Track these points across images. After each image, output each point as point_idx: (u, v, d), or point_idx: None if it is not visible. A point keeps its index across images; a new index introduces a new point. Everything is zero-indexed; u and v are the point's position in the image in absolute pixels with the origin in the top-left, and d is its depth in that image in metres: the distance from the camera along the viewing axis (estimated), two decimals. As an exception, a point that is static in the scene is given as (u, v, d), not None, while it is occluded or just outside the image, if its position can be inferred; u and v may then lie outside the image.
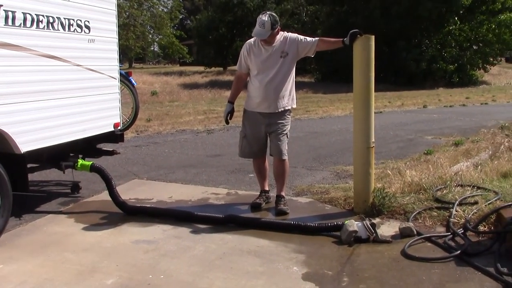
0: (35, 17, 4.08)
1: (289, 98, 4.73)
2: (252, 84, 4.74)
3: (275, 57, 4.62)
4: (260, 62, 4.65)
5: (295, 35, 4.73)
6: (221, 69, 43.32)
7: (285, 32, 4.77)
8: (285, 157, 4.73)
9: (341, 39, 4.60)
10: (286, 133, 4.74)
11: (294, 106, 4.83)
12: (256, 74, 4.68)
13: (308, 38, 4.73)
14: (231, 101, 4.91)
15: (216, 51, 44.62)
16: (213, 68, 43.03)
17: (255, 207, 4.81)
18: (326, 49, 4.97)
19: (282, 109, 4.68)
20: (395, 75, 29.96)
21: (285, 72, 4.65)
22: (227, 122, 4.97)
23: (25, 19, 3.99)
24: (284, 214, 4.60)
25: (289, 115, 4.80)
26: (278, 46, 4.63)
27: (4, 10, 3.77)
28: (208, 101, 19.92)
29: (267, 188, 5.04)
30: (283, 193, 4.84)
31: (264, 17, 4.50)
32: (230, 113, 4.87)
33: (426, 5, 28.34)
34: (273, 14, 4.60)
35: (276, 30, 4.57)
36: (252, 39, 4.74)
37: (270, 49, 4.63)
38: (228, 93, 5.05)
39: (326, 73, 34.73)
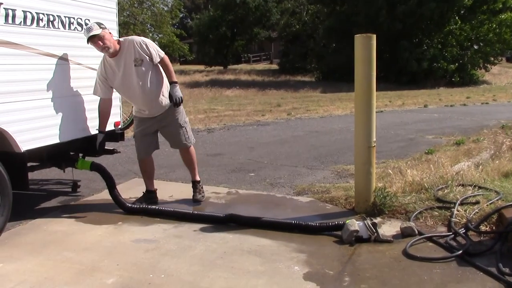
0: (35, 15, 4.07)
1: (165, 97, 4.69)
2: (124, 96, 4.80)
3: (129, 67, 4.50)
4: (118, 79, 4.56)
5: (139, 41, 4.52)
6: (222, 68, 43.31)
7: (129, 37, 4.62)
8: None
9: (174, 81, 4.59)
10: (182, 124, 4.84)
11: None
12: (120, 91, 4.71)
13: (154, 51, 4.54)
14: (102, 131, 4.80)
15: (217, 50, 44.66)
16: (213, 67, 43.03)
17: None
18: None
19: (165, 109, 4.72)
20: (396, 74, 29.97)
21: (147, 79, 4.56)
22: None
23: (25, 17, 3.97)
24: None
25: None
26: (126, 55, 4.50)
27: (4, 8, 3.76)
28: (208, 100, 19.93)
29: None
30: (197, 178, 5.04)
31: (88, 27, 4.39)
32: (100, 144, 4.80)
33: (430, 5, 28.33)
34: (97, 21, 4.48)
35: (108, 33, 4.45)
36: (100, 63, 4.62)
37: (120, 60, 4.51)
38: (229, 92, 5.01)
39: (327, 72, 34.77)
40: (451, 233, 3.90)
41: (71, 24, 4.52)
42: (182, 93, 4.72)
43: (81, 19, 4.63)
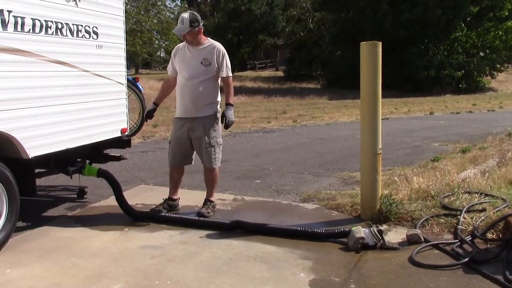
0: (44, 23, 4.11)
1: (207, 106, 4.75)
2: (177, 86, 4.89)
3: (196, 62, 4.67)
4: (183, 63, 4.76)
5: (222, 50, 4.72)
6: (228, 75, 43.34)
7: (217, 43, 4.78)
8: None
9: (230, 103, 4.72)
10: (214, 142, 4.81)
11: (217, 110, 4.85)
12: (178, 75, 4.83)
13: (225, 66, 4.71)
14: (156, 103, 5.05)
15: (223, 57, 44.72)
16: (219, 74, 43.07)
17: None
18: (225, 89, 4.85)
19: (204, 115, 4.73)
20: (402, 81, 29.95)
21: (203, 80, 4.67)
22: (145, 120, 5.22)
23: (34, 25, 4.01)
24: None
25: (215, 122, 4.79)
26: (200, 51, 4.68)
27: (13, 16, 3.80)
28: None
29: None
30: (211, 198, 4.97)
31: (185, 14, 4.58)
32: (150, 112, 5.01)
33: (435, 12, 28.35)
34: (194, 13, 4.65)
35: (197, 29, 4.59)
36: (180, 44, 4.87)
37: (194, 51, 4.70)
38: (234, 99, 5.03)
39: (332, 79, 34.83)
40: (457, 240, 3.89)
41: (79, 32, 4.56)
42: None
43: (89, 26, 4.67)
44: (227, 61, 4.72)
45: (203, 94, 4.69)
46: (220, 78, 4.76)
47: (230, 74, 4.76)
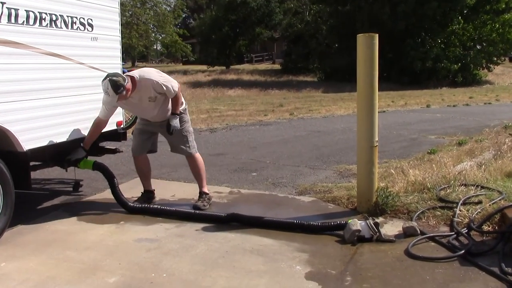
0: (38, 15, 4.08)
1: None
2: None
3: (145, 103, 4.57)
4: (134, 108, 4.73)
5: (153, 81, 4.48)
6: (224, 68, 43.31)
7: (144, 75, 4.52)
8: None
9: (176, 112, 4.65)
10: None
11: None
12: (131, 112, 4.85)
13: (167, 87, 4.51)
14: (86, 149, 4.70)
15: (219, 50, 44.66)
16: (216, 67, 43.05)
17: None
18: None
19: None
20: (398, 74, 29.93)
21: (159, 108, 4.64)
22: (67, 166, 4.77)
23: (28, 17, 3.98)
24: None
25: (183, 115, 4.80)
26: (141, 95, 4.53)
27: (7, 7, 3.77)
28: (211, 100, 19.95)
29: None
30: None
31: (104, 86, 4.31)
32: (78, 161, 4.71)
33: (431, 5, 28.29)
34: (113, 78, 4.27)
35: (125, 91, 4.33)
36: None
37: (136, 98, 4.53)
38: (231, 92, 5.00)
39: (329, 72, 34.76)
40: (453, 233, 3.90)
41: (74, 24, 4.53)
42: (177, 124, 4.69)
43: (83, 18, 4.64)
44: (165, 83, 4.51)
45: (165, 112, 4.70)
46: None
47: (176, 88, 4.56)
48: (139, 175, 5.04)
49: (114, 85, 4.26)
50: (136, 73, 4.55)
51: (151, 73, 4.58)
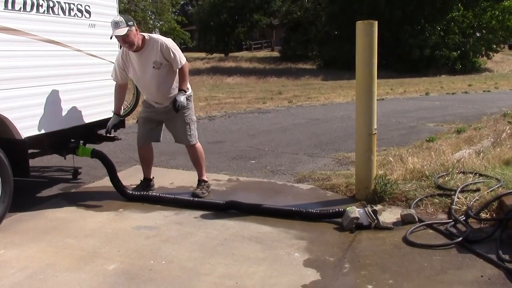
0: (35, 1, 4.05)
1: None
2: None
3: (148, 68, 4.50)
4: (136, 72, 4.59)
5: (165, 43, 4.46)
6: (223, 55, 43.13)
7: (157, 37, 4.55)
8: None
9: (183, 89, 4.57)
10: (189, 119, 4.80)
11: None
12: (135, 82, 4.78)
13: (176, 57, 4.48)
14: (117, 113, 4.88)
15: (218, 38, 44.43)
16: (214, 55, 42.87)
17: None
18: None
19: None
20: (397, 62, 29.84)
21: (163, 80, 4.56)
22: (107, 134, 4.96)
23: (25, 3, 3.95)
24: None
25: (188, 101, 4.74)
26: (147, 55, 4.47)
27: (3, -6, 3.73)
28: (209, 87, 19.88)
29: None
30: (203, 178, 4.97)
31: (116, 18, 4.34)
32: (115, 126, 4.92)
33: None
34: (125, 15, 4.46)
35: (135, 29, 4.36)
36: (121, 54, 4.59)
37: (141, 58, 4.49)
38: (230, 80, 5.00)
39: (328, 60, 34.58)
40: (451, 220, 3.91)
41: (71, 10, 4.49)
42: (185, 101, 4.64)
43: (81, 5, 4.60)
44: (175, 51, 4.47)
45: (167, 90, 4.61)
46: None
47: (183, 62, 4.52)
48: (141, 163, 5.04)
49: (126, 17, 4.37)
50: (146, 34, 4.54)
51: (162, 37, 4.59)
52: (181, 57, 4.51)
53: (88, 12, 4.70)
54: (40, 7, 4.11)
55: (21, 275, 3.10)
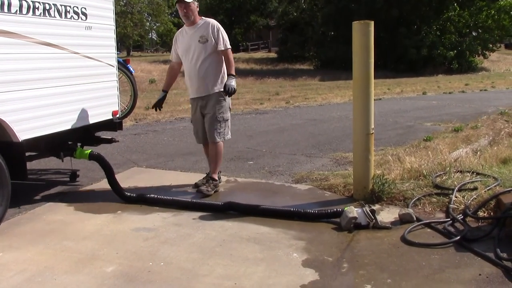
0: (31, 3, 4.04)
1: (216, 82, 4.86)
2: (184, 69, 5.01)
3: (194, 41, 4.78)
4: (184, 46, 4.87)
5: (216, 24, 4.83)
6: (220, 56, 43.03)
7: (211, 19, 4.92)
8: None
9: (232, 73, 4.80)
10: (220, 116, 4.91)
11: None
12: (181, 58, 4.95)
13: (222, 39, 4.80)
14: (165, 90, 5.23)
15: (215, 39, 44.37)
16: (211, 56, 42.77)
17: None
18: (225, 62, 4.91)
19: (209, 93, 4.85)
20: (394, 62, 29.90)
21: (205, 57, 4.78)
22: (155, 109, 5.26)
23: (21, 6, 3.94)
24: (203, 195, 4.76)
25: (221, 98, 4.89)
26: (196, 30, 4.80)
27: (-1, -3, 3.73)
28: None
29: None
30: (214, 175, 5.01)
31: None
32: (160, 101, 5.16)
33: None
34: None
35: (196, 4, 4.79)
36: (178, 31, 5.02)
37: (190, 32, 4.82)
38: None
39: (325, 60, 34.64)
40: (449, 219, 3.92)
41: (68, 13, 4.49)
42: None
43: (77, 7, 4.60)
44: (223, 34, 4.80)
45: (209, 72, 4.80)
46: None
47: (228, 46, 4.83)
48: (207, 158, 5.20)
49: None
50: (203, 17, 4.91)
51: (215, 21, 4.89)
52: (226, 42, 4.82)
53: (85, 14, 4.69)
54: (36, 10, 4.11)
55: (20, 278, 3.09)
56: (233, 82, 4.75)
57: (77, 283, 3.02)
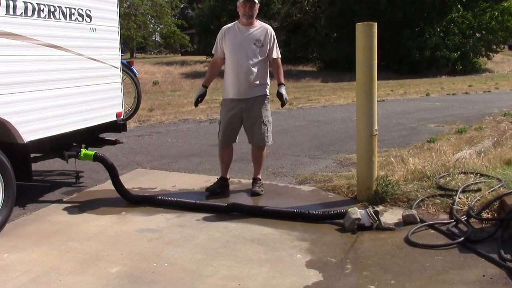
0: (36, 6, 4.07)
1: (264, 86, 4.87)
2: (226, 67, 4.93)
3: (249, 43, 4.75)
4: (236, 44, 4.80)
5: (272, 33, 4.87)
6: (223, 58, 43.06)
7: (267, 25, 4.94)
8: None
9: (282, 82, 4.88)
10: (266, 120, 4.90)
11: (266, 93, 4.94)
12: (229, 56, 4.85)
13: (276, 48, 4.89)
14: (205, 85, 5.13)
15: (218, 41, 44.38)
16: (215, 58, 42.82)
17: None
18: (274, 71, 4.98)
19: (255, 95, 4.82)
20: (397, 63, 29.85)
21: (258, 61, 4.76)
22: (196, 105, 5.21)
23: (26, 8, 3.97)
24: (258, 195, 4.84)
25: (266, 101, 4.91)
26: (253, 33, 4.77)
27: (5, -1, 3.75)
28: (210, 90, 19.81)
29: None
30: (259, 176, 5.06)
31: None
32: (201, 97, 5.08)
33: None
34: None
35: (259, 7, 4.80)
36: (227, 26, 4.96)
37: (246, 33, 4.78)
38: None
39: (329, 62, 34.58)
40: (453, 220, 3.92)
41: (72, 15, 4.52)
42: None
43: (81, 9, 4.62)
44: (276, 43, 4.87)
45: (257, 75, 4.79)
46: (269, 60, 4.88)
47: (280, 56, 4.92)
48: (221, 163, 5.13)
49: None
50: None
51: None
52: (278, 51, 4.91)
53: (89, 16, 4.72)
54: (41, 12, 4.13)
55: (25, 278, 3.11)
56: (285, 92, 4.84)
57: (81, 284, 3.04)
